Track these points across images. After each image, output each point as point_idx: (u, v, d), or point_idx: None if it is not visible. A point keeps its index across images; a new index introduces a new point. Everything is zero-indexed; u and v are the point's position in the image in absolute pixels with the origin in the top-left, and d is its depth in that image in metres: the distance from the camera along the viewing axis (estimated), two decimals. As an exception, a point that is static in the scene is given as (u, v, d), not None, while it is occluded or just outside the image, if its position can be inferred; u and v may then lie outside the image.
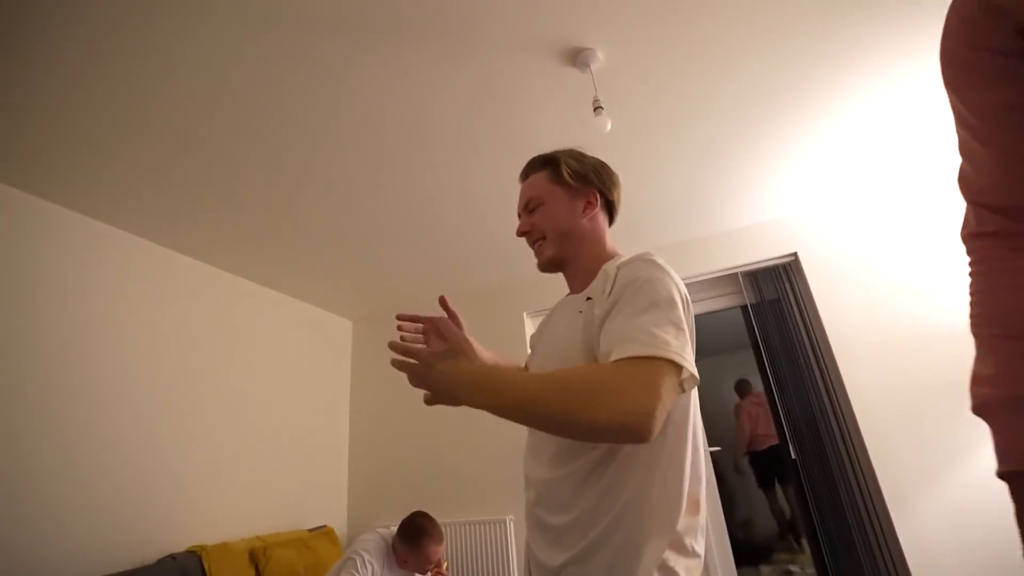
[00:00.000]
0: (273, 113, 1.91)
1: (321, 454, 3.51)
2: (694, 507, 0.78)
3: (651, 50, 1.77)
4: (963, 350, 2.31)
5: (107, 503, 2.21)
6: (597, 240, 0.99)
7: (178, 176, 2.22)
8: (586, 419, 0.67)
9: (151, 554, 2.27)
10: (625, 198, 1.09)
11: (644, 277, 0.80)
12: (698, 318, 3.22)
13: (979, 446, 2.39)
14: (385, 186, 2.45)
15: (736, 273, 3.13)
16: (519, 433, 3.33)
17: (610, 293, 0.81)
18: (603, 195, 1.01)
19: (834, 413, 2.66)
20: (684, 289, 0.84)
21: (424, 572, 2.12)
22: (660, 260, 0.85)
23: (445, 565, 2.14)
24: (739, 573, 2.78)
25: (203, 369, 2.82)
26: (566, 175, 0.99)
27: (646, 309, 0.75)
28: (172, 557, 2.25)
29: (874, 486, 2.51)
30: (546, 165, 1.02)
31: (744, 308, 3.11)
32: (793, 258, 3.02)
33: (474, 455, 3.37)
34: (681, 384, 0.72)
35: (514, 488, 3.19)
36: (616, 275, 0.84)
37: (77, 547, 2.06)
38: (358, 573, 1.99)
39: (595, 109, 1.78)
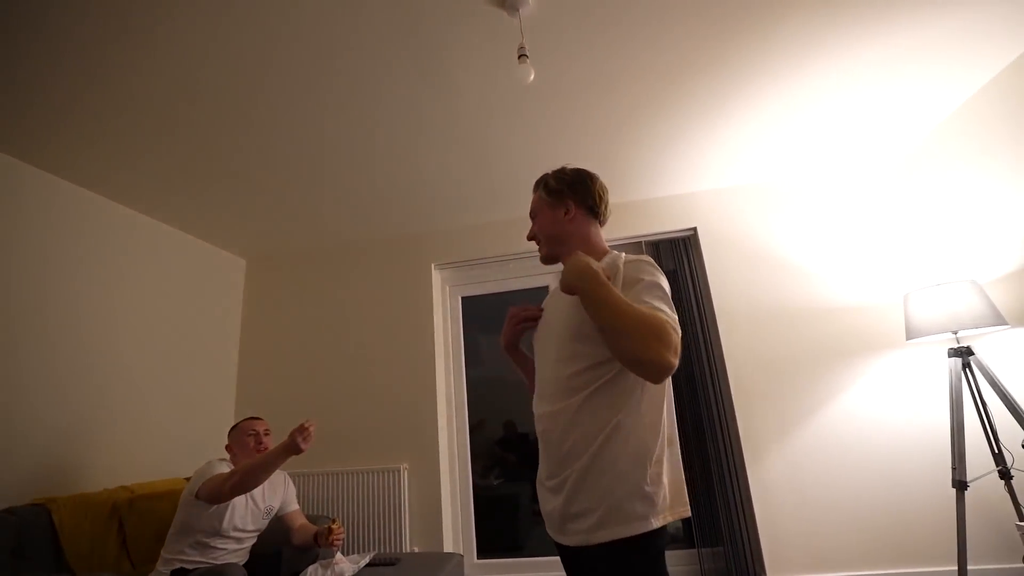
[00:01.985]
0: (164, 20, 1.62)
1: (205, 398, 3.26)
2: (671, 443, 1.07)
3: (582, 2, 1.71)
4: (824, 326, 2.66)
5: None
6: (583, 239, 1.24)
7: (56, 90, 1.87)
8: (640, 346, 0.92)
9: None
10: (535, 155, 1.30)
11: (650, 275, 1.07)
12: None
13: (820, 411, 2.77)
14: (296, 122, 2.24)
15: (640, 242, 3.27)
16: (413, 383, 3.35)
17: (624, 284, 1.07)
18: (580, 203, 1.25)
19: (712, 378, 2.92)
20: (665, 279, 1.10)
21: (251, 451, 2.12)
22: (652, 262, 1.12)
23: (339, 523, 2.10)
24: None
25: (74, 299, 2.50)
26: (546, 193, 1.28)
27: (661, 298, 1.02)
28: (9, 512, 1.98)
29: (736, 443, 2.83)
30: (539, 184, 1.32)
31: (644, 276, 3.27)
32: (692, 232, 3.21)
33: (369, 405, 3.31)
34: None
35: (408, 437, 3.20)
36: (623, 270, 1.10)
37: None
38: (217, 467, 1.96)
39: (519, 56, 1.71)
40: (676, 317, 1.00)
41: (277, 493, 2.20)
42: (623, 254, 1.18)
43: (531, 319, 1.28)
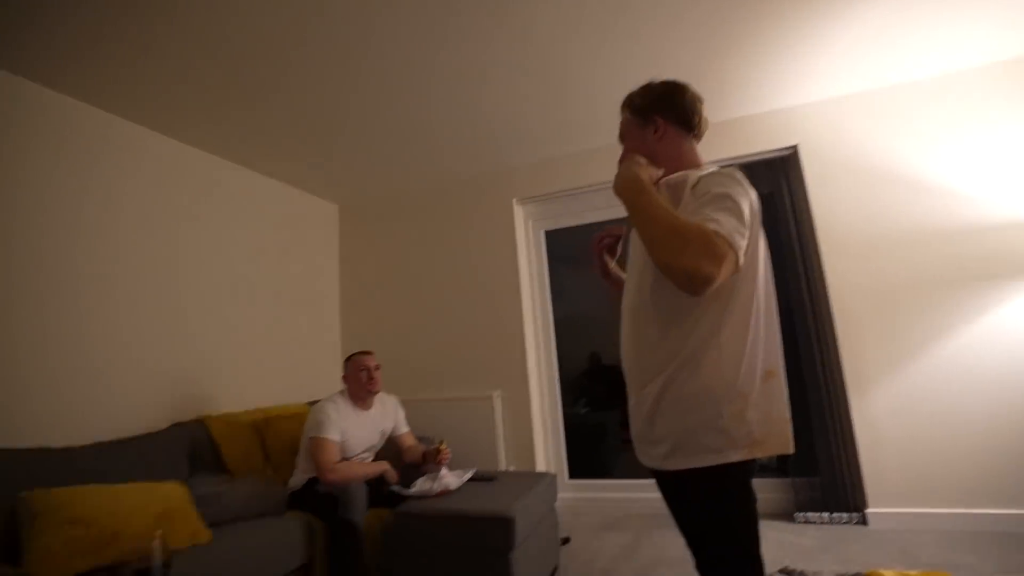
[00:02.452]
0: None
1: (317, 334, 3.64)
2: (767, 376, 1.00)
3: None
4: (947, 249, 2.39)
5: (117, 378, 2.32)
6: (675, 157, 1.14)
7: (160, 49, 2.02)
8: (671, 255, 0.88)
9: (160, 423, 2.42)
10: (617, 76, 1.25)
11: (721, 187, 0.97)
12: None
13: (941, 342, 2.53)
14: (376, 67, 2.27)
15: (733, 165, 3.04)
16: (502, 315, 3.47)
17: (692, 194, 1.00)
18: (670, 118, 1.16)
19: (812, 306, 2.76)
20: (755, 198, 1.02)
21: (364, 384, 2.34)
22: (736, 173, 1.02)
23: (446, 444, 2.33)
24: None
25: (202, 252, 2.83)
26: (632, 112, 1.21)
27: (723, 208, 0.93)
28: (179, 425, 2.40)
29: (838, 375, 2.69)
30: (625, 104, 1.24)
31: (737, 202, 3.07)
32: (792, 151, 2.93)
33: (462, 338, 3.50)
34: (738, 264, 0.91)
35: (500, 367, 3.37)
36: (697, 184, 1.02)
37: (91, 415, 2.19)
38: (325, 421, 2.18)
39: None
40: (738, 229, 0.90)
41: (389, 418, 2.47)
42: (716, 169, 1.07)
43: (613, 241, 1.26)
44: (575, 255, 3.59)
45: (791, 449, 1.00)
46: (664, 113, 1.16)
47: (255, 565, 1.72)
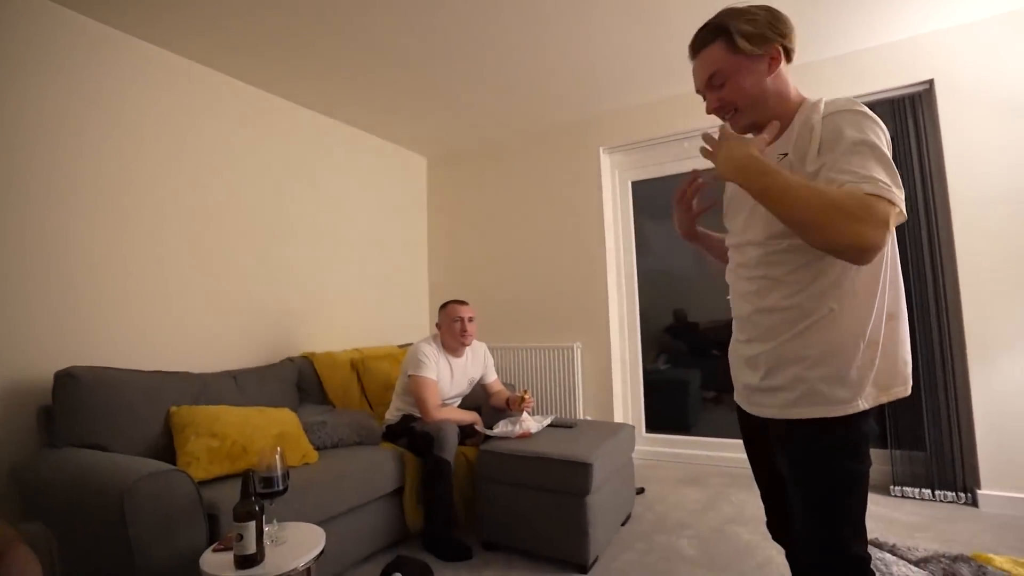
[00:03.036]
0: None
1: (406, 281, 3.85)
2: (890, 319, 0.93)
3: None
4: None
5: (238, 316, 2.63)
6: (782, 94, 1.00)
7: (260, 10, 2.14)
8: (832, 233, 0.80)
9: (274, 357, 2.72)
10: (711, 10, 1.03)
11: (854, 128, 0.86)
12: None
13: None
14: (461, 17, 2.25)
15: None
16: (585, 267, 3.45)
17: (820, 149, 0.89)
18: (782, 48, 0.99)
19: (932, 267, 2.47)
20: (887, 133, 0.89)
21: (457, 335, 2.40)
22: (863, 107, 0.89)
23: (529, 393, 2.40)
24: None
25: (303, 205, 3.06)
26: (743, 43, 0.97)
27: (869, 157, 0.83)
28: (291, 359, 2.68)
29: (959, 345, 2.42)
30: (718, 35, 0.99)
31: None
32: (927, 87, 2.55)
33: (545, 287, 3.54)
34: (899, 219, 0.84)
35: (582, 319, 3.39)
36: (822, 130, 0.90)
37: (221, 347, 2.53)
38: (425, 361, 2.30)
39: None
40: (894, 180, 0.82)
41: (478, 366, 2.57)
42: (822, 101, 0.95)
43: (696, 191, 1.17)
44: (663, 207, 3.44)
45: (909, 391, 0.96)
46: (782, 38, 0.98)
47: (355, 485, 1.93)
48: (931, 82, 2.53)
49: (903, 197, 0.83)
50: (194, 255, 2.46)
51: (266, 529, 1.32)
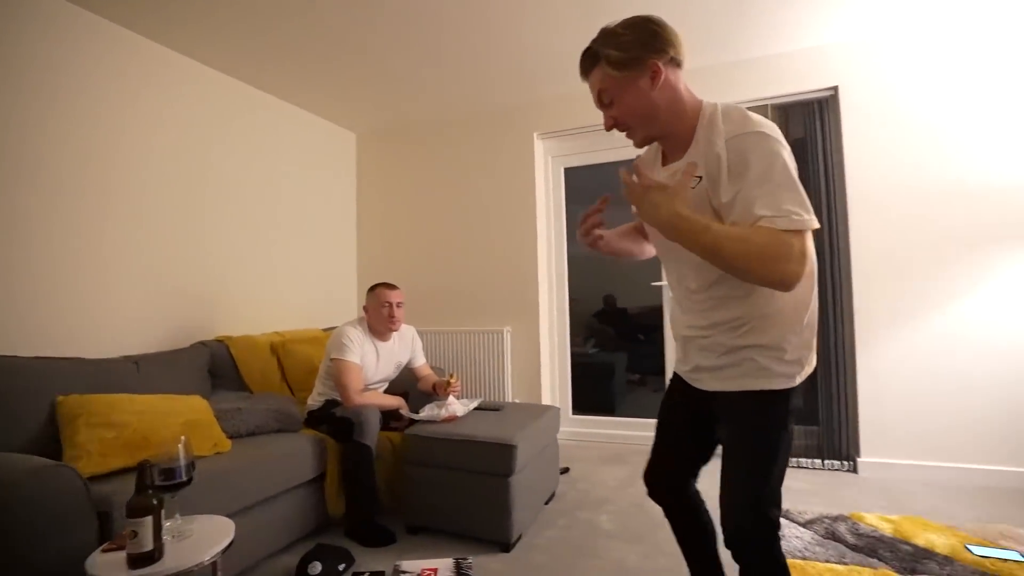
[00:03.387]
0: None
1: (332, 262, 3.70)
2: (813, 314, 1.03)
3: None
4: (971, 209, 2.30)
5: (145, 296, 2.42)
6: (675, 104, 1.01)
7: None
8: (756, 274, 0.87)
9: (184, 341, 2.54)
10: (653, 10, 1.05)
11: (767, 159, 0.90)
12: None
13: (948, 303, 2.49)
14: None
15: (767, 106, 2.89)
16: (517, 252, 3.46)
17: (729, 175, 0.93)
18: (662, 58, 0.98)
19: (831, 257, 2.70)
20: (786, 146, 0.93)
21: (384, 320, 2.34)
22: (767, 129, 0.92)
23: (456, 377, 2.39)
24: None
25: (224, 177, 2.86)
26: (612, 70, 0.99)
27: (778, 185, 0.88)
28: (203, 343, 2.51)
29: (849, 328, 2.68)
30: (597, 59, 1.01)
31: (766, 146, 2.93)
32: (832, 93, 2.76)
33: (476, 271, 3.54)
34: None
35: (512, 303, 3.42)
36: (727, 155, 0.93)
37: (124, 330, 2.33)
38: (349, 345, 2.23)
39: None
40: (803, 204, 0.87)
41: (406, 350, 2.52)
42: (719, 113, 0.98)
43: (600, 219, 1.19)
44: (596, 194, 3.52)
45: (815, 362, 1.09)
46: (658, 54, 0.98)
47: (270, 473, 1.85)
48: (836, 88, 2.73)
49: (812, 214, 0.88)
50: (91, 225, 2.22)
51: (167, 524, 1.24)
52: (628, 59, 0.98)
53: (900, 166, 2.60)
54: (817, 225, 0.89)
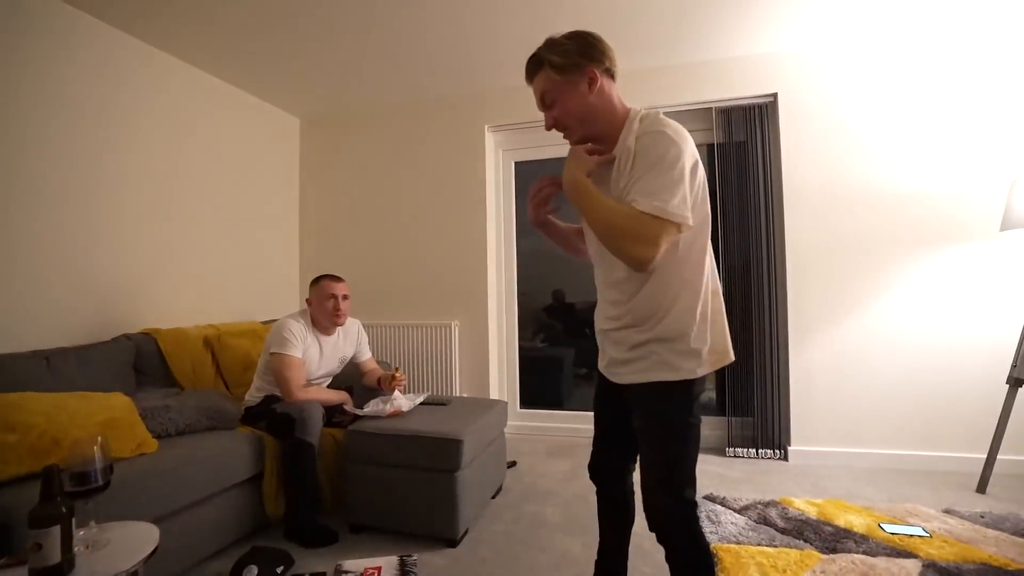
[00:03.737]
0: None
1: (273, 252, 3.53)
2: (715, 295, 1.14)
3: None
4: (903, 212, 2.47)
5: (61, 285, 2.22)
6: (608, 109, 1.13)
7: None
8: (616, 247, 1.01)
9: (106, 334, 2.35)
10: (607, 14, 1.22)
11: (657, 152, 1.01)
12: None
13: (879, 298, 2.68)
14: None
15: (711, 108, 2.99)
16: (465, 244, 3.45)
17: (632, 166, 1.04)
18: (599, 67, 1.11)
19: (768, 258, 2.84)
20: (693, 150, 1.06)
21: (329, 313, 2.25)
22: (670, 131, 1.03)
23: (401, 371, 2.34)
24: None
25: (156, 158, 2.67)
26: (553, 73, 1.11)
27: (654, 180, 1.00)
28: (127, 336, 2.33)
29: (784, 326, 2.83)
30: (541, 64, 1.13)
31: (710, 147, 3.04)
32: (772, 99, 2.89)
33: (424, 263, 3.47)
34: (680, 227, 1.00)
35: (461, 296, 3.39)
36: (635, 150, 1.05)
37: (34, 323, 2.11)
38: (291, 339, 2.14)
39: None
40: (671, 196, 0.97)
41: (351, 344, 2.44)
42: (639, 117, 1.10)
43: (553, 191, 1.23)
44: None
45: (732, 357, 1.15)
46: (596, 63, 1.10)
47: (201, 474, 1.74)
48: (775, 95, 2.86)
49: (683, 210, 0.98)
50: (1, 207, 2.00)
51: (80, 533, 1.14)
52: (569, 65, 1.10)
53: (832, 170, 2.77)
54: (685, 220, 0.99)
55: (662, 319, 1.09)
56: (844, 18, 2.52)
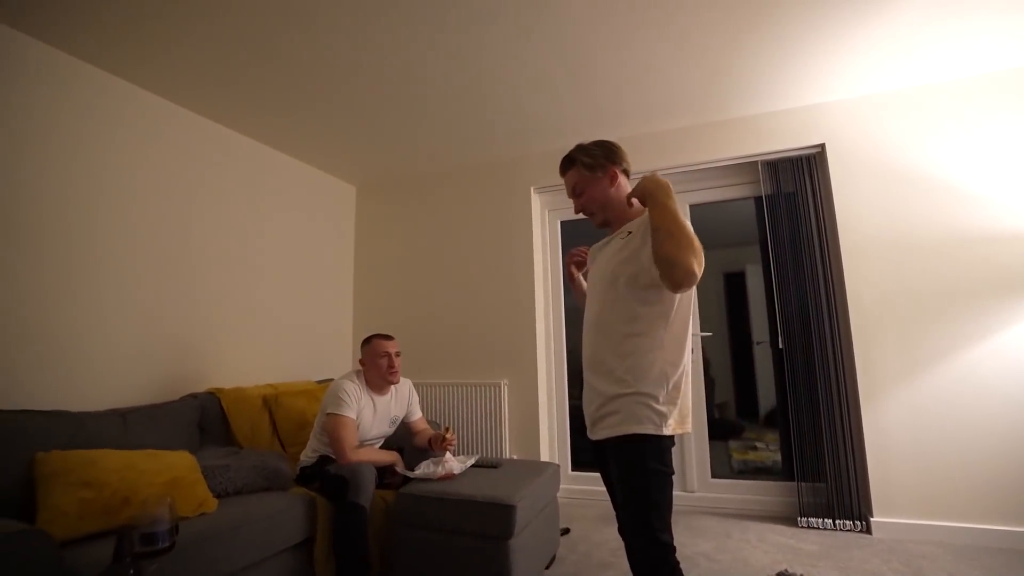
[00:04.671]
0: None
1: (328, 313, 3.67)
2: (684, 373, 1.30)
3: None
4: (969, 258, 2.33)
5: (134, 347, 2.38)
6: (624, 200, 1.39)
7: (191, 30, 2.08)
8: (678, 251, 1.11)
9: (174, 393, 2.47)
10: (638, 69, 1.78)
11: None
12: (712, 206, 3.17)
13: (958, 353, 2.47)
14: (396, 50, 2.27)
15: (756, 162, 2.99)
16: (513, 304, 3.47)
17: (644, 232, 1.28)
18: (619, 167, 1.44)
19: (828, 310, 2.70)
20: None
21: (384, 372, 2.28)
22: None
23: (452, 432, 2.33)
24: (712, 445, 3.08)
25: (220, 226, 2.88)
26: (584, 171, 1.44)
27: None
28: (193, 396, 2.45)
29: (852, 382, 2.65)
30: (573, 163, 1.47)
31: (758, 199, 3.01)
32: (819, 150, 2.86)
33: (472, 322, 3.51)
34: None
35: (509, 355, 3.38)
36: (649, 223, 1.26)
37: (111, 382, 2.26)
38: (346, 400, 2.17)
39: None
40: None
41: (402, 404, 2.45)
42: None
43: (582, 258, 1.62)
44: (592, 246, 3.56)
45: (690, 430, 1.33)
46: (615, 165, 1.43)
47: (257, 536, 1.75)
48: (823, 146, 2.83)
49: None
50: (81, 273, 2.20)
51: (143, 595, 1.16)
52: (595, 164, 1.43)
53: (892, 217, 2.66)
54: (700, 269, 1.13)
55: (641, 378, 1.25)
56: (886, 66, 2.51)
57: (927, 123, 2.65)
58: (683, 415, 1.27)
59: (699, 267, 1.10)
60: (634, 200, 1.33)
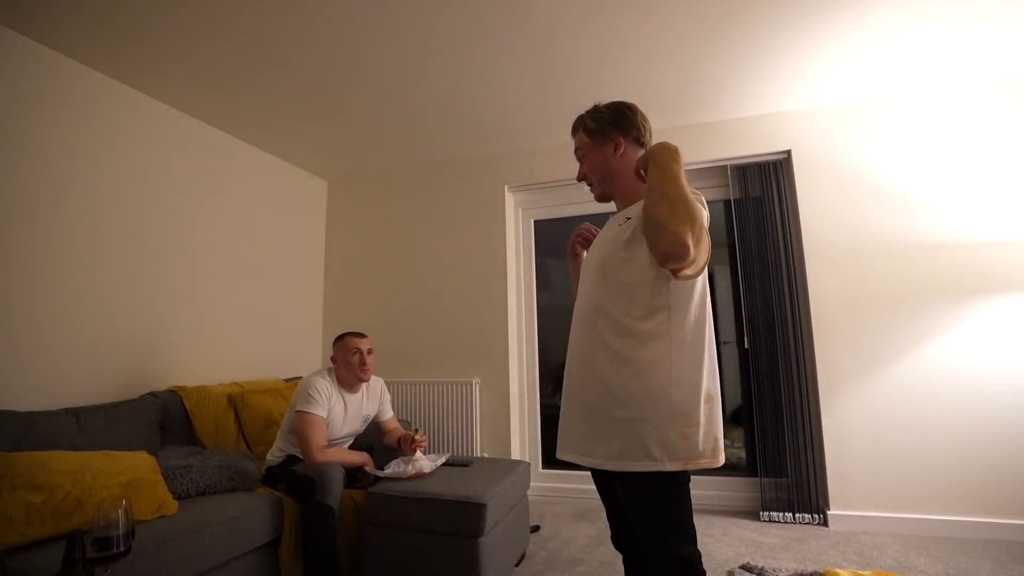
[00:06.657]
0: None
1: (297, 310, 3.60)
2: (707, 399, 1.10)
3: None
4: (929, 263, 2.43)
5: (91, 343, 2.28)
6: (630, 172, 1.20)
7: (161, 20, 2.01)
8: (671, 218, 0.98)
9: (134, 391, 2.38)
10: (612, 70, 1.47)
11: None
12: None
13: (911, 352, 2.59)
14: (370, 45, 2.23)
15: (725, 166, 3.06)
16: (486, 302, 3.48)
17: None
18: (627, 136, 1.25)
19: (792, 312, 2.80)
20: (707, 214, 1.12)
21: (355, 369, 2.24)
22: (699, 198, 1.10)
23: (421, 432, 2.31)
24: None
25: (184, 219, 2.78)
26: (585, 136, 1.29)
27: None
28: (153, 394, 2.37)
29: (812, 381, 2.75)
30: (577, 127, 1.32)
31: (726, 203, 3.09)
32: (786, 156, 2.95)
33: (445, 322, 3.49)
34: (699, 273, 1.07)
35: (481, 353, 3.38)
36: None
37: (65, 380, 2.16)
38: (316, 398, 2.12)
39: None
40: (704, 227, 1.05)
41: (374, 402, 2.42)
42: None
43: (592, 236, 1.39)
44: (564, 246, 3.58)
45: (720, 463, 1.11)
46: (621, 132, 1.25)
47: (221, 538, 1.71)
48: (789, 152, 2.92)
49: (706, 246, 1.04)
50: (33, 265, 2.09)
51: (97, 601, 1.11)
52: (598, 130, 1.27)
53: (853, 223, 2.76)
54: (706, 250, 1.04)
55: (634, 396, 1.09)
56: (851, 77, 2.61)
57: (883, 134, 2.76)
58: (706, 448, 1.07)
59: (694, 243, 0.96)
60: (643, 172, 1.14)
